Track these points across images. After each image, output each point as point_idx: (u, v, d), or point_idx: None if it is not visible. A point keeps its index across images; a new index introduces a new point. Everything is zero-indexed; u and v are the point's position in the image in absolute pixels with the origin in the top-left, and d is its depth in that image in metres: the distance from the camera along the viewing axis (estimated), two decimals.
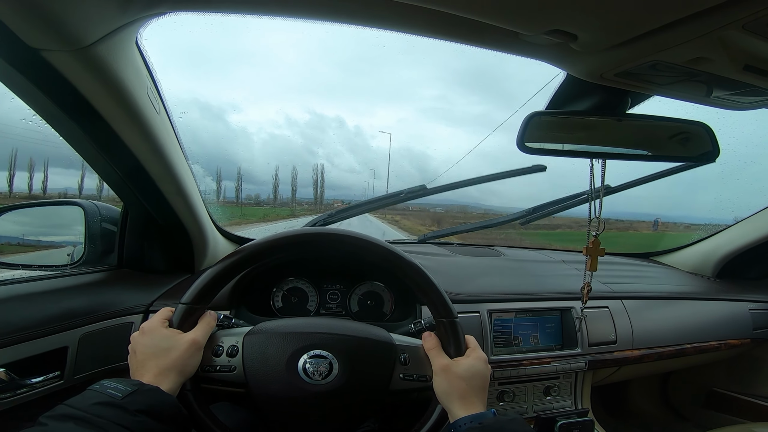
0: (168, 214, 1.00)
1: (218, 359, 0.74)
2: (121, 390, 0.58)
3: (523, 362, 1.13)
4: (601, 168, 0.94)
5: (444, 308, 0.78)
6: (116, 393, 0.58)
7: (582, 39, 0.62)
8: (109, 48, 0.64)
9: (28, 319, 0.79)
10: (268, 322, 0.80)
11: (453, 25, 0.64)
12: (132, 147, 0.80)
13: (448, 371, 0.73)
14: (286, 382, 0.72)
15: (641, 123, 0.90)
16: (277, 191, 74.95)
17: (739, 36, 0.57)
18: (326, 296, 1.19)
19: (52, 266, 1.00)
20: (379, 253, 0.78)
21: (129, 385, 0.60)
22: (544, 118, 0.89)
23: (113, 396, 0.57)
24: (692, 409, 1.73)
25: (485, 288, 1.21)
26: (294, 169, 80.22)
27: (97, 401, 0.56)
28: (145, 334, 0.70)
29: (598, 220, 0.98)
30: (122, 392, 0.58)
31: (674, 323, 1.34)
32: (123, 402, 0.56)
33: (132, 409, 0.56)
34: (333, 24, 0.68)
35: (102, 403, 0.56)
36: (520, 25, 0.60)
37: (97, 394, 0.58)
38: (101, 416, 0.54)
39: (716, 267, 1.59)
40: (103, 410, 0.55)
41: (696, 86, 0.76)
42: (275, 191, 74.81)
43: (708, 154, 0.90)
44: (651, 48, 0.63)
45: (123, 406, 0.56)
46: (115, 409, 0.56)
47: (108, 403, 0.56)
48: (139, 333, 0.71)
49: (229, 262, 0.75)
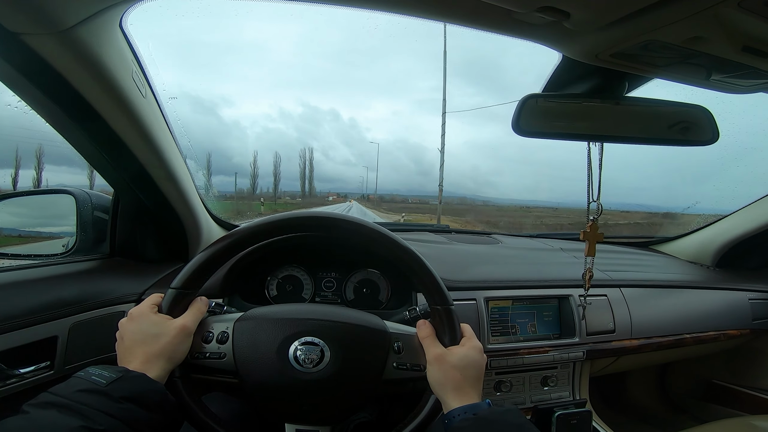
0: (159, 201, 0.98)
1: (208, 346, 0.72)
2: (106, 377, 0.57)
3: (521, 351, 1.13)
4: (598, 151, 0.93)
5: (439, 295, 0.76)
6: (100, 380, 0.56)
7: (575, 17, 0.60)
8: (91, 30, 0.63)
9: (18, 308, 0.78)
10: (260, 308, 0.78)
11: (444, 4, 0.62)
12: (118, 132, 0.79)
13: (442, 361, 0.72)
14: (277, 370, 0.71)
15: (640, 106, 0.89)
16: (256, 182, 64.81)
17: (735, 14, 0.56)
18: (321, 284, 1.18)
19: (43, 255, 0.99)
20: (373, 237, 0.76)
21: (114, 371, 0.59)
22: (540, 101, 0.87)
23: (97, 383, 0.56)
24: (690, 401, 1.73)
25: (482, 275, 1.20)
26: (276, 155, 71.56)
27: (81, 388, 0.55)
28: (133, 320, 0.69)
29: (597, 203, 0.97)
30: (107, 379, 0.57)
31: (673, 312, 1.33)
32: (107, 389, 0.55)
33: (117, 396, 0.55)
34: (324, 5, 0.67)
35: (86, 390, 0.55)
36: (512, 2, 0.58)
37: (81, 381, 0.57)
38: (85, 403, 0.53)
39: (716, 256, 1.57)
40: (87, 397, 0.54)
41: (694, 68, 0.74)
42: (253, 182, 64.34)
43: (707, 138, 0.89)
44: (646, 26, 0.61)
45: (107, 393, 0.55)
46: (100, 396, 0.54)
47: (92, 390, 0.55)
48: (127, 319, 0.70)
49: (220, 246, 0.73)
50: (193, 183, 1.05)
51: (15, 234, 1.11)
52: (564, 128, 0.89)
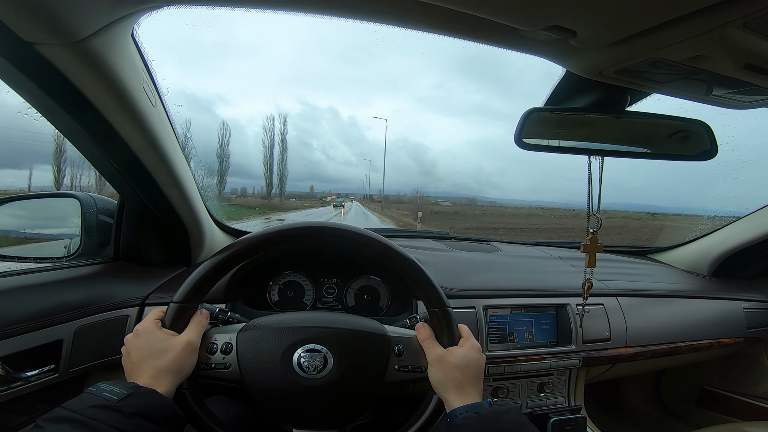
0: (164, 206, 0.99)
1: (213, 357, 0.74)
2: (117, 393, 0.58)
3: (518, 358, 1.14)
4: (599, 165, 0.94)
5: (436, 298, 0.78)
6: (112, 396, 0.58)
7: (581, 35, 0.61)
8: (105, 41, 0.63)
9: (23, 312, 0.79)
10: (262, 318, 0.80)
11: (451, 21, 0.63)
12: (128, 139, 0.80)
13: (442, 361, 0.74)
14: (282, 377, 0.72)
15: (640, 120, 0.91)
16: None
17: (739, 34, 0.57)
18: (323, 290, 1.19)
19: (48, 258, 1.00)
20: (373, 245, 0.78)
21: (125, 387, 0.60)
22: (543, 115, 0.88)
23: (109, 399, 0.57)
24: (684, 408, 1.75)
25: (481, 283, 1.21)
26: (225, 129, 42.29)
27: (93, 404, 0.56)
28: (139, 336, 0.70)
29: (596, 217, 0.98)
30: (118, 395, 0.58)
31: (669, 321, 1.35)
32: (119, 405, 0.57)
33: (128, 412, 0.56)
34: (329, 18, 0.67)
35: (98, 405, 0.56)
36: (519, 21, 0.59)
37: (93, 396, 0.58)
38: (97, 419, 0.54)
39: (712, 266, 1.59)
40: (98, 413, 0.55)
41: (696, 84, 0.76)
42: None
43: (706, 152, 0.90)
44: (651, 45, 0.62)
45: (119, 408, 0.56)
46: (111, 411, 0.56)
47: (104, 405, 0.56)
48: (132, 335, 0.71)
49: (220, 258, 0.75)
50: (197, 188, 1.06)
51: (21, 236, 1.11)
52: (566, 142, 0.90)
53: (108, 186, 0.97)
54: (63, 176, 14.28)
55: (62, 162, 13.96)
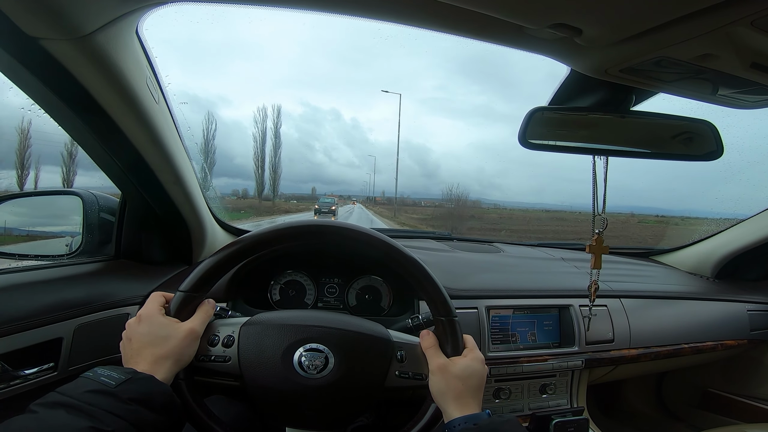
0: (166, 205, 0.99)
1: (214, 349, 0.73)
2: (115, 378, 0.57)
3: (520, 359, 1.13)
4: (603, 165, 0.94)
5: (443, 306, 0.77)
6: (109, 381, 0.57)
7: (587, 34, 0.61)
8: (109, 37, 0.63)
9: (23, 309, 0.78)
10: (266, 314, 0.79)
11: (457, 19, 0.63)
12: (131, 137, 0.80)
13: (444, 371, 0.73)
14: (281, 375, 0.71)
15: (645, 120, 0.90)
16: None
17: (747, 33, 0.57)
18: (324, 290, 1.19)
19: (49, 256, 0.99)
20: (379, 246, 0.77)
21: (123, 373, 0.59)
22: (547, 114, 0.88)
23: (106, 384, 0.56)
24: (687, 410, 1.74)
25: (484, 284, 1.20)
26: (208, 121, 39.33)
27: (90, 389, 0.55)
28: (142, 321, 0.69)
29: (602, 217, 0.98)
30: (116, 380, 0.57)
31: (672, 323, 1.34)
32: (116, 390, 0.56)
33: (125, 398, 0.55)
34: (334, 15, 0.67)
35: (94, 390, 0.55)
36: (525, 19, 0.59)
37: (89, 381, 0.57)
38: (93, 404, 0.53)
39: (715, 267, 1.58)
40: (95, 398, 0.54)
41: (702, 83, 0.75)
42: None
43: (712, 153, 0.90)
44: (657, 44, 0.62)
45: (116, 394, 0.55)
46: (108, 397, 0.55)
47: (101, 390, 0.55)
48: (135, 320, 0.70)
49: (229, 251, 0.74)
50: (200, 187, 1.06)
51: (23, 234, 1.11)
52: (570, 142, 0.90)
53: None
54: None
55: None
